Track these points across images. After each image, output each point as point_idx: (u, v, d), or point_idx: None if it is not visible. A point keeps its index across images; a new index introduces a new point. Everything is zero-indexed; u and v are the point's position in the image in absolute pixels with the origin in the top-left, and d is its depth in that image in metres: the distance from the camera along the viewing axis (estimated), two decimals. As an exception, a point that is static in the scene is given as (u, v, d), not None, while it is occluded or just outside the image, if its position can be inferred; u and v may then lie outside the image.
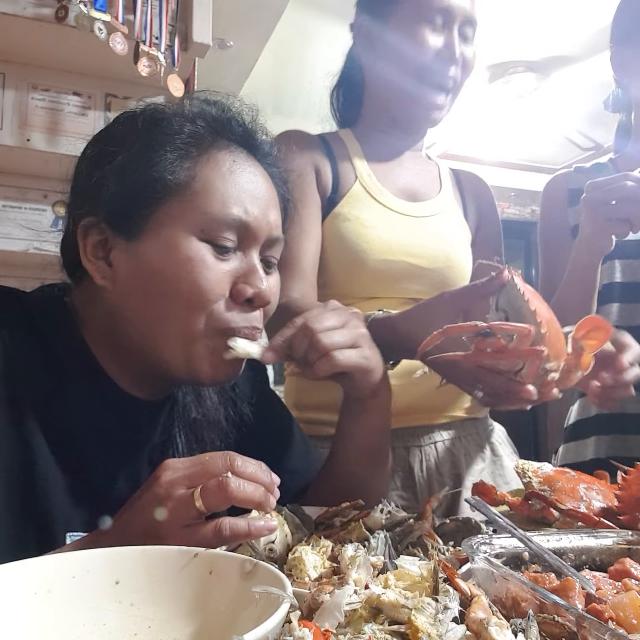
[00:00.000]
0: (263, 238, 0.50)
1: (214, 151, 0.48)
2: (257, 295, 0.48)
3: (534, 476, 0.54)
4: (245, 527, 0.39)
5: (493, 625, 0.29)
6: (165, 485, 0.39)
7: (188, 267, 0.45)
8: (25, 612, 0.33)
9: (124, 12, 1.19)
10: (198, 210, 0.46)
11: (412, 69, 0.78)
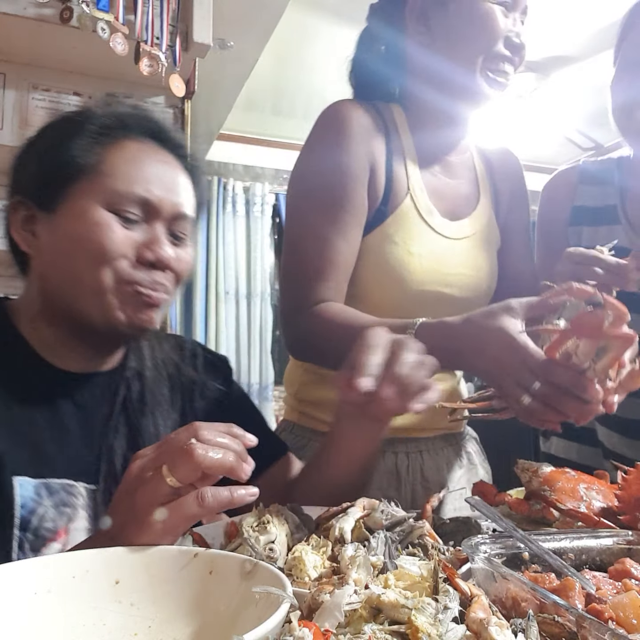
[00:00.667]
0: (167, 214, 0.57)
1: (122, 140, 0.57)
2: (158, 259, 0.56)
3: (534, 476, 0.54)
4: (227, 494, 0.39)
5: (493, 625, 0.29)
6: (134, 473, 0.41)
7: (96, 230, 0.54)
8: (26, 612, 0.33)
9: (125, 13, 1.19)
10: (105, 188, 0.55)
11: (478, 51, 0.71)
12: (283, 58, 2.45)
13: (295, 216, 0.76)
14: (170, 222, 0.58)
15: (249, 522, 0.44)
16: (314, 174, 0.76)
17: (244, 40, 1.92)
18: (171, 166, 0.59)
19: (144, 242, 0.55)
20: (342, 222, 0.72)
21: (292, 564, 0.40)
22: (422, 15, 0.76)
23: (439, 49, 0.75)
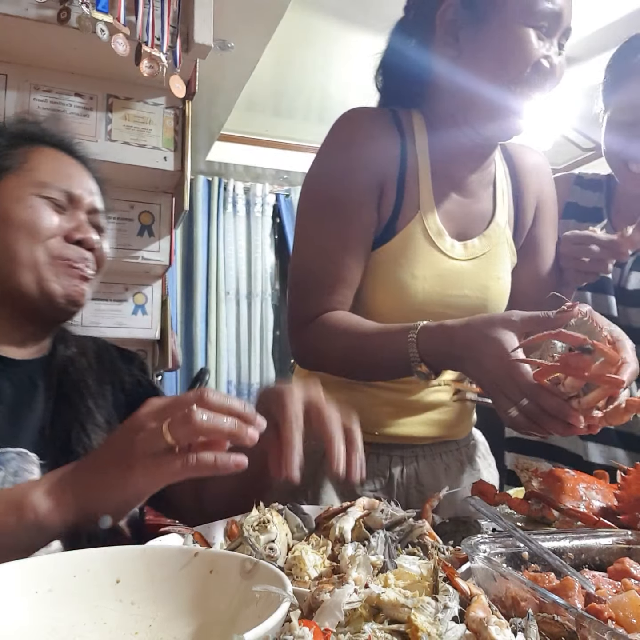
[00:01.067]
0: (86, 206, 0.67)
1: (42, 146, 0.67)
2: (84, 239, 0.64)
3: (533, 476, 0.54)
4: (211, 459, 0.41)
5: (493, 625, 0.29)
6: (140, 418, 0.43)
7: (28, 212, 0.62)
8: (27, 611, 0.34)
9: (126, 14, 1.19)
10: (34, 180, 0.64)
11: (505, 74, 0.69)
12: (284, 59, 2.45)
13: (302, 229, 0.76)
14: (89, 213, 0.67)
15: (249, 522, 0.44)
16: (322, 186, 0.74)
17: (245, 41, 1.92)
18: (83, 171, 0.69)
19: (71, 227, 0.64)
20: (349, 238, 0.71)
21: (292, 563, 0.40)
22: (453, 25, 0.72)
23: (465, 63, 0.72)
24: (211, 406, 0.41)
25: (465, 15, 0.71)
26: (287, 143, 3.06)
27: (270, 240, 3.25)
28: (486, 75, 0.70)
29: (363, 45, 2.36)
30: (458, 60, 0.72)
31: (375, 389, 0.78)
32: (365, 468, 0.74)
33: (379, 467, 0.78)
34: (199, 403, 0.41)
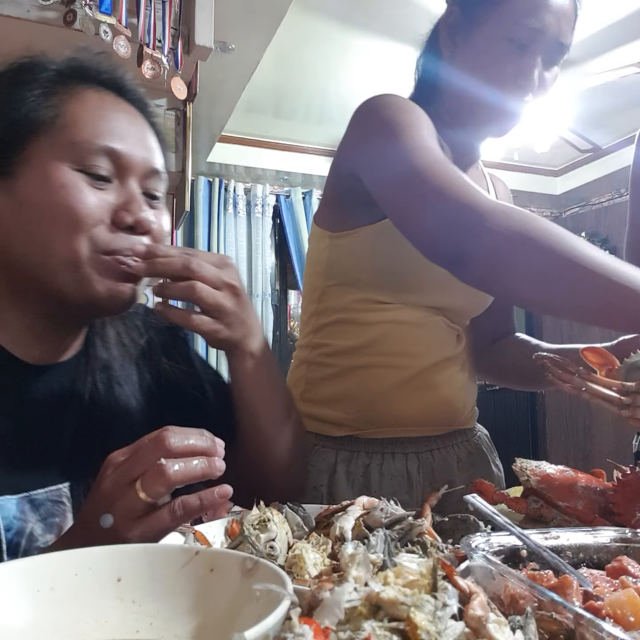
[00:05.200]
0: (140, 169, 0.51)
1: (80, 89, 0.51)
2: (137, 221, 0.50)
3: (531, 475, 0.54)
4: (197, 503, 0.40)
5: (491, 622, 0.29)
6: (108, 486, 0.41)
7: (62, 193, 0.47)
8: (28, 610, 0.34)
9: (128, 16, 1.19)
10: (67, 142, 0.48)
11: (487, 82, 0.72)
12: (284, 61, 2.46)
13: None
14: (143, 179, 0.51)
15: (249, 520, 0.44)
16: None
17: (246, 43, 1.93)
18: (137, 119, 0.53)
19: (119, 204, 0.49)
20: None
21: (292, 562, 0.40)
22: (452, 30, 0.76)
23: (459, 67, 0.75)
24: (175, 452, 0.40)
25: (462, 21, 0.74)
26: (287, 144, 3.06)
27: (271, 240, 3.26)
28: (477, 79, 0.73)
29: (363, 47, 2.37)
30: (453, 62, 0.76)
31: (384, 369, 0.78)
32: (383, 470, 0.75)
33: (396, 468, 0.78)
34: (163, 453, 0.39)
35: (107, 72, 0.53)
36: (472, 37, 0.73)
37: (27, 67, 0.51)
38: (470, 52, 0.74)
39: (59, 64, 0.52)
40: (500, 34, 0.71)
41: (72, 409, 0.55)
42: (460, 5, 0.75)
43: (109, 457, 0.42)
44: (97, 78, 0.52)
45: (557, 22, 0.71)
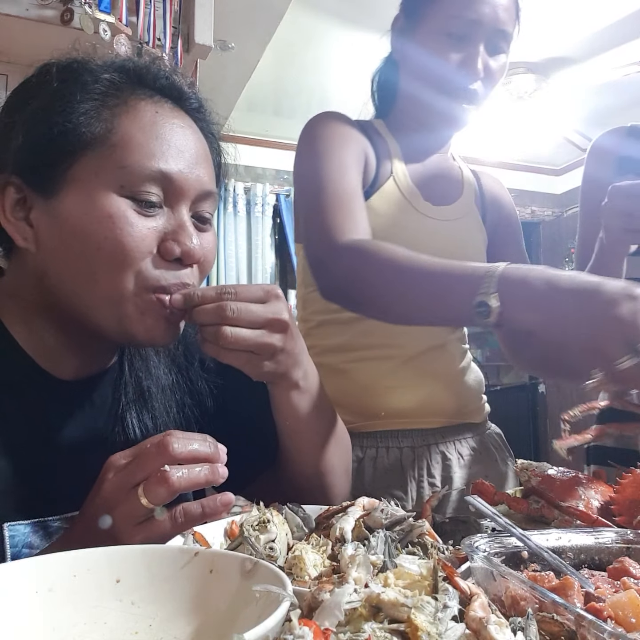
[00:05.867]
0: (192, 193, 0.47)
1: (134, 101, 0.46)
2: (186, 253, 0.46)
3: (532, 475, 0.54)
4: (198, 511, 0.40)
5: (492, 624, 0.29)
6: (110, 490, 0.40)
7: (109, 224, 0.44)
8: (26, 611, 0.33)
9: (127, 14, 1.19)
10: (116, 164, 0.44)
11: (433, 78, 0.76)
12: (284, 59, 2.45)
13: (313, 173, 0.75)
14: (194, 202, 0.48)
15: (249, 521, 0.44)
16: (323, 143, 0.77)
17: (245, 42, 1.92)
18: (192, 132, 0.48)
19: (167, 232, 0.46)
20: (356, 185, 0.74)
21: (292, 563, 0.40)
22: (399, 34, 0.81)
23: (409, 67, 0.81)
24: (177, 459, 0.39)
25: (406, 25, 0.79)
26: (287, 143, 3.06)
27: (271, 240, 3.26)
28: (425, 77, 0.77)
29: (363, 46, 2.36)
30: (404, 66, 0.81)
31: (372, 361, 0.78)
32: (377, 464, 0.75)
33: (389, 461, 0.77)
34: (167, 458, 0.39)
35: (165, 78, 0.49)
36: (415, 37, 0.77)
37: (76, 74, 0.46)
38: (416, 52, 0.78)
39: (111, 70, 0.47)
40: (439, 29, 0.74)
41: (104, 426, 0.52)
42: (404, 8, 0.80)
43: (110, 460, 0.41)
44: (153, 85, 0.48)
45: (494, 11, 0.73)
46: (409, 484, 0.77)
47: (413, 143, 0.84)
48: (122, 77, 0.47)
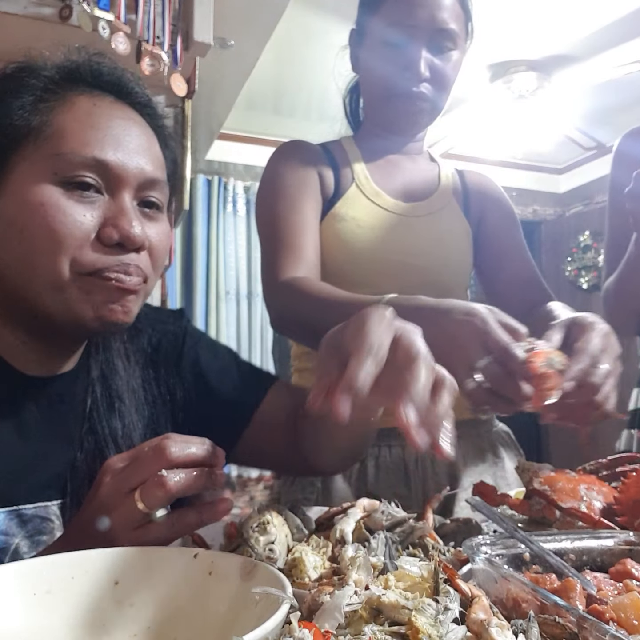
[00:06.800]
0: (133, 180, 0.47)
1: (71, 96, 0.47)
2: (125, 237, 0.46)
3: (534, 476, 0.53)
4: (195, 517, 0.40)
5: (494, 626, 0.29)
6: (106, 494, 0.40)
7: (40, 212, 0.44)
8: (24, 613, 0.33)
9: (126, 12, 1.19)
10: (51, 153, 0.45)
11: (383, 85, 0.80)
12: (284, 57, 2.45)
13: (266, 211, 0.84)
14: (139, 190, 0.48)
15: (248, 523, 0.44)
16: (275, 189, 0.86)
17: (245, 40, 1.92)
18: (136, 124, 0.49)
19: (106, 219, 0.45)
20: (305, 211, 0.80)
21: (292, 565, 0.40)
22: (354, 48, 0.85)
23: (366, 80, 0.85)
24: (174, 462, 0.39)
25: (358, 39, 0.83)
26: (287, 142, 3.04)
27: (271, 239, 3.25)
28: (378, 85, 0.81)
29: (363, 44, 2.35)
30: (363, 80, 0.85)
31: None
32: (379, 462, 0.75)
33: (392, 460, 0.77)
34: (164, 462, 0.39)
35: (105, 74, 0.49)
36: (365, 49, 0.82)
37: (18, 72, 0.48)
38: (368, 64, 0.82)
39: (50, 68, 0.48)
40: (380, 39, 0.78)
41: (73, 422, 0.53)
42: (356, 24, 0.84)
43: (108, 463, 0.41)
44: (93, 81, 0.49)
45: (431, 14, 0.76)
46: (413, 482, 0.77)
47: (377, 148, 0.87)
48: (61, 74, 0.48)
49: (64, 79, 0.48)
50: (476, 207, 0.89)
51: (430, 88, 0.79)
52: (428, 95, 0.79)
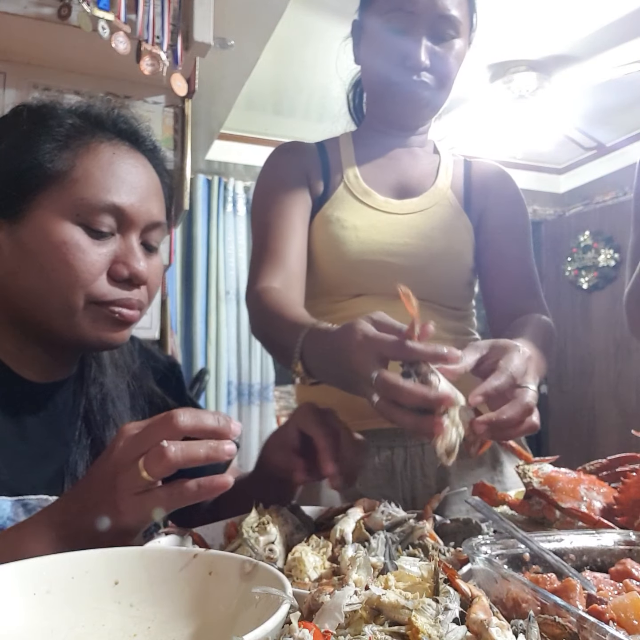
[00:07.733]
0: (142, 223, 0.54)
1: (94, 144, 0.53)
2: (134, 274, 0.53)
3: (534, 476, 0.53)
4: (194, 488, 0.41)
5: (494, 626, 0.29)
6: (117, 457, 0.42)
7: (62, 249, 0.50)
8: (24, 613, 0.33)
9: (126, 12, 1.19)
10: (75, 196, 0.51)
11: (384, 75, 0.78)
12: (284, 57, 2.44)
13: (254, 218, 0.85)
14: (144, 231, 0.55)
15: (248, 523, 0.44)
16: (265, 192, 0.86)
17: (245, 39, 1.92)
18: (145, 171, 0.55)
19: (117, 256, 0.52)
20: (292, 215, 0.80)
21: (292, 565, 0.40)
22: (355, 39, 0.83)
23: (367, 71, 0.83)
24: (182, 431, 0.40)
25: (359, 30, 0.82)
26: (287, 142, 3.04)
27: (271, 239, 3.25)
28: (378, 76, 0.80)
29: (363, 44, 2.36)
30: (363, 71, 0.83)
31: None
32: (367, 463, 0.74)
33: (380, 461, 0.76)
34: (170, 432, 0.40)
35: (123, 122, 0.56)
36: (365, 39, 0.80)
37: (43, 118, 0.54)
38: (368, 52, 0.80)
39: (74, 116, 0.54)
40: (380, 26, 0.76)
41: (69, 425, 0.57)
42: (358, 13, 0.83)
43: (123, 428, 0.43)
44: (112, 129, 0.55)
45: (431, 0, 0.74)
46: (402, 483, 0.76)
47: (376, 143, 0.85)
48: (83, 122, 0.54)
49: (87, 126, 0.54)
50: (478, 202, 0.85)
51: (431, 77, 0.77)
52: (429, 84, 0.77)
